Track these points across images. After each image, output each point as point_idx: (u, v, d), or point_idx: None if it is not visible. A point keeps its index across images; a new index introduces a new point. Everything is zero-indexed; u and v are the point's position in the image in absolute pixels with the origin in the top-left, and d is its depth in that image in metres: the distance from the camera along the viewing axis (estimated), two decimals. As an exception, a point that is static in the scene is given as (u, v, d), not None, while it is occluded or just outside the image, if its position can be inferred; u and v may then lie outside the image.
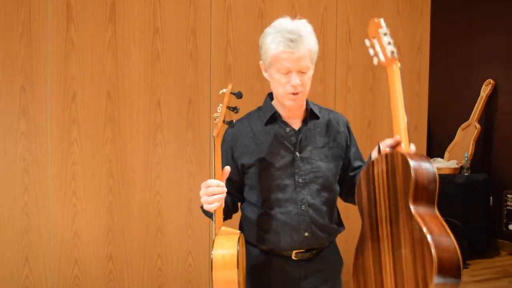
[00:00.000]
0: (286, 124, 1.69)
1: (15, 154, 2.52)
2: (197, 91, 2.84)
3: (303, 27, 1.60)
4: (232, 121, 1.63)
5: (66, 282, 2.62)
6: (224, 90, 1.66)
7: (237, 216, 1.77)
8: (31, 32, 2.51)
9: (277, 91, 1.65)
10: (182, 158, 2.83)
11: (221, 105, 1.62)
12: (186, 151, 2.83)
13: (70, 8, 2.57)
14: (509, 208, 4.59)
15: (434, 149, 5.57)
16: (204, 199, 1.55)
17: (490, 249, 4.94)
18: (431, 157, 5.18)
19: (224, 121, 1.60)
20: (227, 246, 1.51)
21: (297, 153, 1.67)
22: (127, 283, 2.74)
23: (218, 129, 1.58)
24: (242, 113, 1.76)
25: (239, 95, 1.65)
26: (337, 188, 1.75)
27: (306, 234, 1.66)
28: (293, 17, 1.60)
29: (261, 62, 1.70)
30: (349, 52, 3.26)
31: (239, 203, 1.79)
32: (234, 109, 1.64)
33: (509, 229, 4.62)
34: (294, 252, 1.69)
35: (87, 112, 2.62)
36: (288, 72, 1.59)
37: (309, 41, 1.60)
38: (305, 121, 1.71)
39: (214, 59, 2.87)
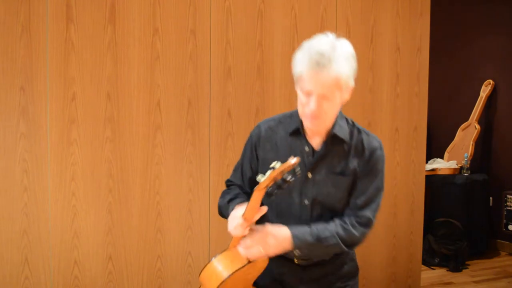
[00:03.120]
0: (307, 141, 1.63)
1: (14, 154, 2.51)
2: (197, 91, 2.84)
3: (338, 50, 1.48)
4: (272, 194, 1.47)
5: (66, 282, 2.62)
6: (278, 165, 1.42)
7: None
8: (30, 33, 2.51)
9: (299, 108, 1.59)
10: (182, 158, 2.83)
11: (269, 172, 1.42)
12: (186, 152, 2.83)
13: (69, 9, 2.57)
14: (509, 208, 4.59)
15: (434, 149, 5.58)
16: (229, 225, 1.57)
17: (489, 249, 4.94)
18: (431, 158, 5.20)
19: (267, 187, 1.46)
20: (224, 266, 1.54)
21: (309, 173, 1.63)
22: (126, 283, 2.74)
23: (260, 189, 1.47)
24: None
25: (286, 177, 1.45)
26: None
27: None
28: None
29: (295, 76, 1.62)
30: (349, 53, 3.26)
31: None
32: (285, 182, 1.46)
33: (508, 230, 4.62)
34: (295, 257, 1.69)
35: (86, 112, 2.62)
36: (309, 94, 1.51)
37: (339, 67, 1.47)
38: (327, 142, 1.62)
39: (214, 59, 2.87)
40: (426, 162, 4.60)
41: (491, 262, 4.66)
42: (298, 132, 1.65)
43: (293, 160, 1.40)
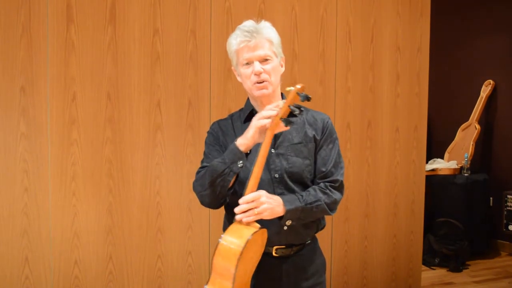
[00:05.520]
0: None
1: (15, 155, 2.52)
2: (197, 91, 2.84)
3: (261, 23, 1.71)
4: (290, 119, 1.56)
5: (66, 282, 2.62)
6: (292, 88, 1.57)
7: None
8: (31, 33, 2.51)
9: (246, 85, 1.71)
10: (182, 158, 2.83)
11: (284, 101, 1.57)
12: (186, 152, 2.84)
13: (70, 9, 2.57)
14: (509, 208, 4.59)
15: (434, 149, 5.58)
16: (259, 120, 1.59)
17: (490, 249, 4.94)
18: (431, 158, 5.20)
19: (281, 119, 1.55)
20: (237, 237, 1.51)
21: (272, 149, 1.72)
22: (127, 283, 2.74)
23: (273, 124, 1.55)
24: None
25: (304, 98, 1.55)
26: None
27: (285, 227, 1.69)
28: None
29: (232, 67, 1.77)
30: (349, 53, 3.26)
31: None
32: (297, 110, 1.54)
33: (509, 230, 4.62)
34: (274, 248, 1.72)
35: (87, 113, 2.63)
36: (250, 63, 1.67)
37: (267, 32, 1.69)
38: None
39: (214, 59, 2.87)
40: (427, 162, 4.60)
41: (492, 262, 4.66)
42: (252, 115, 1.73)
43: (296, 86, 1.53)
